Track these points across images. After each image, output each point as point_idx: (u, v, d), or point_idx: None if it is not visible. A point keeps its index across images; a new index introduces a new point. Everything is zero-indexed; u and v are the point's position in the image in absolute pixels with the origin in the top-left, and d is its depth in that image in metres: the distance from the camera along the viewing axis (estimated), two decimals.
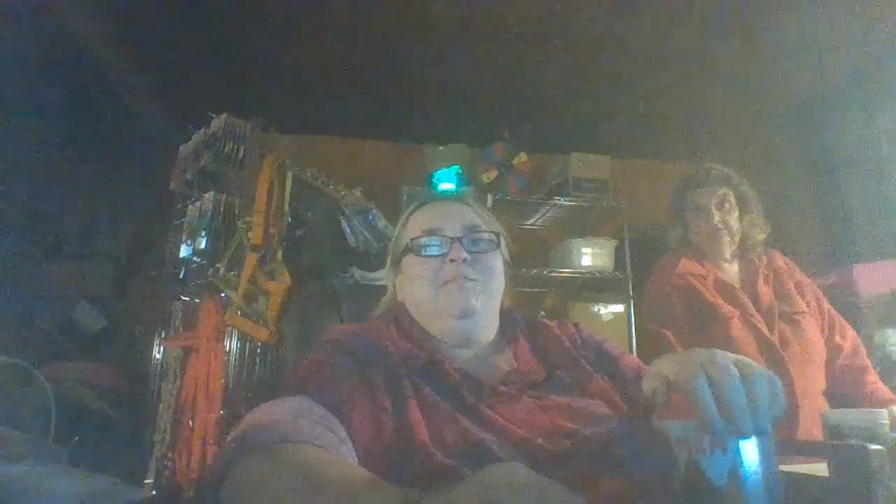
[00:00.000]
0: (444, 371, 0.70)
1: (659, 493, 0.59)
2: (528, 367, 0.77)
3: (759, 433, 0.46)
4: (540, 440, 0.63)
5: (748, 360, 0.52)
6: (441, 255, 0.79)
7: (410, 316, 0.82)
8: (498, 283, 0.82)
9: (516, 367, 0.77)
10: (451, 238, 0.80)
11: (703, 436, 0.47)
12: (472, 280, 0.78)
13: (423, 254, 0.81)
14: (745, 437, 0.46)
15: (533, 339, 0.84)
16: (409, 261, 0.83)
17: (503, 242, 0.87)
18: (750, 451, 0.46)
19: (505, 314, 0.86)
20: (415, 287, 0.81)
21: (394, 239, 0.91)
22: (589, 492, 0.56)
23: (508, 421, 0.64)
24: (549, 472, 0.34)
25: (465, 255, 0.78)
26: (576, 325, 0.88)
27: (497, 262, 0.83)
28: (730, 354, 0.52)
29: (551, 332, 0.84)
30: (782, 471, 0.60)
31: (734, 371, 0.49)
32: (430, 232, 0.81)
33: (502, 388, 0.70)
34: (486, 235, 0.82)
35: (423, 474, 0.58)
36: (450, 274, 0.78)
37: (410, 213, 0.88)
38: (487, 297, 0.79)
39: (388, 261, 0.91)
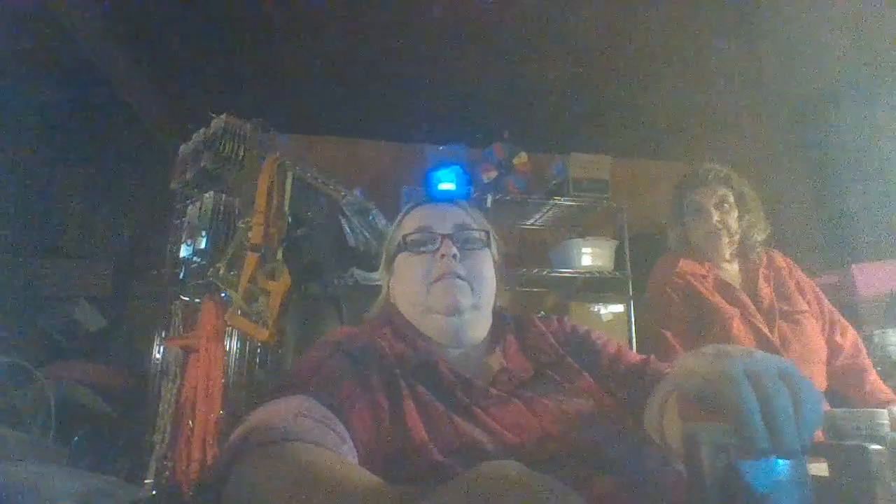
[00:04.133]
0: (437, 372, 0.71)
1: (650, 492, 0.59)
2: (516, 366, 0.77)
3: (803, 452, 0.44)
4: (531, 445, 0.63)
5: (790, 367, 0.48)
6: (432, 251, 0.81)
7: (403, 317, 0.83)
8: (488, 282, 0.82)
9: (505, 365, 0.77)
10: (442, 235, 0.81)
11: (746, 443, 0.44)
12: (460, 277, 0.78)
13: (414, 250, 0.82)
14: (791, 457, 0.43)
15: (521, 337, 0.84)
16: (401, 259, 0.84)
17: (493, 242, 0.88)
18: (790, 465, 0.43)
19: (495, 313, 0.87)
20: (407, 285, 0.82)
21: (388, 239, 0.92)
22: (580, 492, 0.56)
23: (500, 425, 0.65)
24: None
25: (454, 250, 0.79)
26: (559, 319, 0.89)
27: (487, 261, 0.84)
28: (772, 359, 0.48)
29: (538, 329, 0.85)
30: None
31: (782, 387, 0.45)
32: (422, 229, 0.83)
33: (493, 391, 0.71)
34: (476, 234, 0.84)
35: (421, 473, 0.58)
36: (440, 270, 0.79)
37: (404, 214, 0.90)
38: (477, 295, 0.80)
39: (382, 262, 0.92)
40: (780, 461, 0.43)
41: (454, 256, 0.79)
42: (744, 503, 0.42)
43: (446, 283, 0.78)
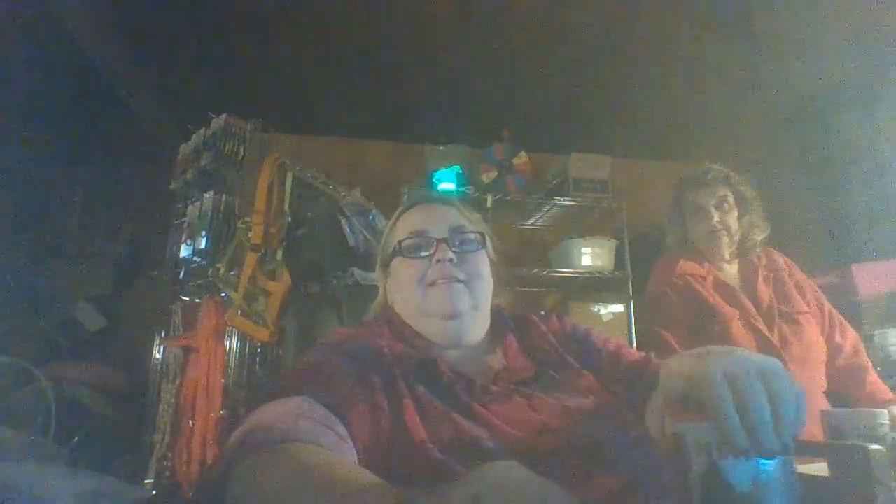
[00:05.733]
0: (437, 370, 0.71)
1: (650, 489, 0.59)
2: (517, 365, 0.78)
3: (784, 451, 0.44)
4: (532, 440, 0.63)
5: (772, 366, 0.49)
6: (427, 255, 0.80)
7: (401, 318, 0.83)
8: (485, 283, 0.82)
9: (506, 365, 0.77)
10: (438, 239, 0.81)
11: (727, 442, 0.44)
12: (458, 281, 0.78)
13: (410, 255, 0.81)
14: (770, 456, 0.44)
15: (521, 336, 0.84)
16: (397, 263, 0.84)
17: (489, 242, 0.87)
18: (775, 464, 0.44)
19: (494, 312, 0.87)
20: (403, 289, 0.82)
21: (382, 242, 0.91)
22: (581, 489, 0.57)
23: (501, 420, 0.65)
24: (542, 470, 0.34)
25: (450, 255, 0.79)
26: (559, 317, 0.89)
27: (483, 262, 0.83)
28: (753, 358, 0.49)
29: (538, 329, 0.85)
30: None
31: (759, 386, 0.46)
32: (417, 234, 0.82)
33: (494, 387, 0.71)
34: (471, 236, 0.83)
35: (420, 472, 0.58)
36: (437, 274, 0.78)
37: (398, 217, 0.89)
38: (474, 297, 0.80)
39: (378, 264, 0.91)
40: (764, 461, 0.44)
41: (450, 261, 0.79)
42: (726, 502, 0.43)
43: (443, 288, 0.78)
